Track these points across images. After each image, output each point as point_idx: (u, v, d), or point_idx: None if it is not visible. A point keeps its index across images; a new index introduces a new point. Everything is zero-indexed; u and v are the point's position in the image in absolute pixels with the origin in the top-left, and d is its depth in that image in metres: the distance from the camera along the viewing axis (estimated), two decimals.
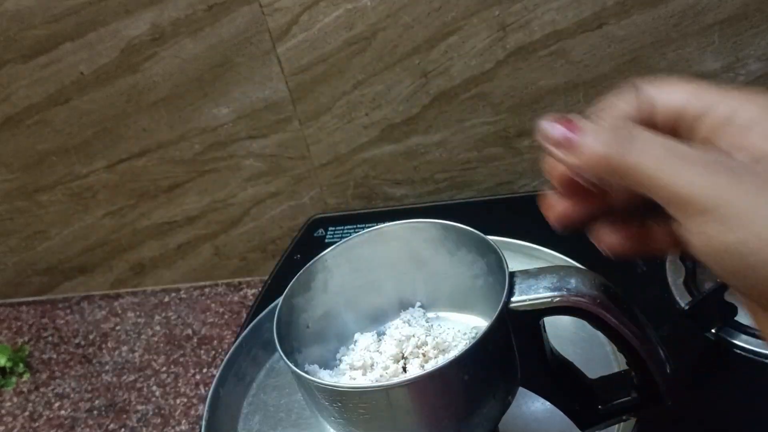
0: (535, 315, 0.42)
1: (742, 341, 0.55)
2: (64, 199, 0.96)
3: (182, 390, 0.82)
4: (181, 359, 0.87)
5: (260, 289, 0.77)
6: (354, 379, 0.47)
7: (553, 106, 0.77)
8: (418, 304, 0.53)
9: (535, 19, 0.72)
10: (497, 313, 0.41)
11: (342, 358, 0.50)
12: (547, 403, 0.46)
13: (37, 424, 0.83)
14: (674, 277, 0.62)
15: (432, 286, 0.52)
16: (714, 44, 0.70)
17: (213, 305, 0.95)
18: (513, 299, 0.41)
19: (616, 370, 0.51)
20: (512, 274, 0.43)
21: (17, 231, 1.01)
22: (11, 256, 1.03)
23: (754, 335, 0.55)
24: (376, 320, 0.53)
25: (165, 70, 0.83)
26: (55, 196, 0.96)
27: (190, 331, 0.91)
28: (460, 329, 0.49)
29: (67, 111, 0.88)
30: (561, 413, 0.45)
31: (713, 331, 0.56)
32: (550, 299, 0.41)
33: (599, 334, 0.42)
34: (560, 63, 0.74)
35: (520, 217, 0.78)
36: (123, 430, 0.79)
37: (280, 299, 0.48)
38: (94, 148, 0.91)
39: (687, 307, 0.55)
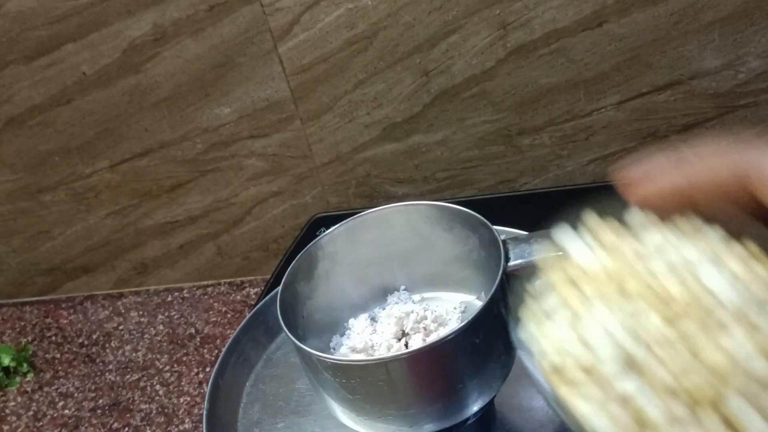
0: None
1: None
2: (67, 200, 0.96)
3: (185, 389, 0.82)
4: (184, 358, 0.87)
5: (263, 288, 0.77)
6: None
7: (554, 105, 0.77)
8: (402, 287, 0.54)
9: (535, 17, 0.72)
10: (499, 275, 0.42)
11: (338, 346, 0.51)
12: None
13: (41, 423, 0.83)
14: None
15: (412, 269, 0.54)
16: (714, 42, 0.71)
17: (216, 304, 0.95)
18: (510, 264, 0.43)
19: None
20: (505, 242, 0.44)
21: (20, 231, 1.01)
22: (14, 256, 1.04)
23: None
24: (365, 306, 0.54)
25: (167, 70, 0.83)
26: (58, 197, 0.96)
27: (193, 330, 0.91)
28: (450, 305, 0.51)
29: (70, 111, 0.88)
30: None
31: None
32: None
33: None
34: (561, 61, 0.75)
35: (521, 215, 0.79)
36: (127, 429, 0.79)
37: (278, 288, 0.49)
38: (96, 149, 0.91)
39: None
